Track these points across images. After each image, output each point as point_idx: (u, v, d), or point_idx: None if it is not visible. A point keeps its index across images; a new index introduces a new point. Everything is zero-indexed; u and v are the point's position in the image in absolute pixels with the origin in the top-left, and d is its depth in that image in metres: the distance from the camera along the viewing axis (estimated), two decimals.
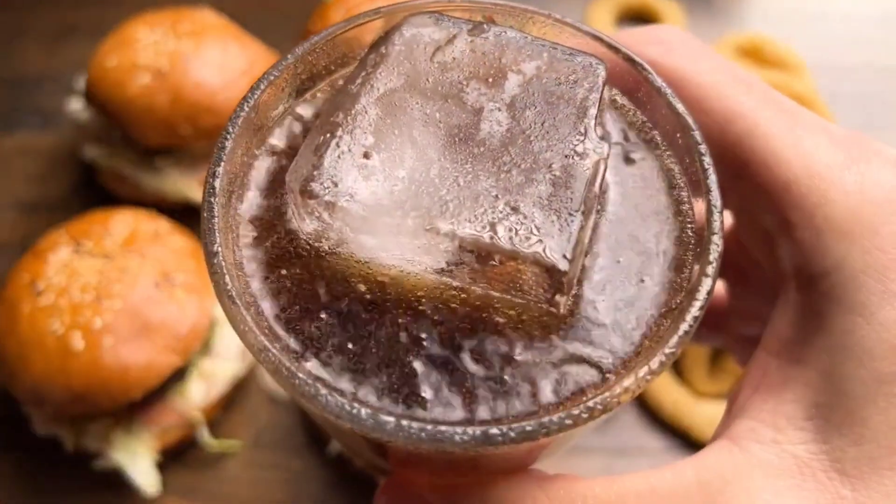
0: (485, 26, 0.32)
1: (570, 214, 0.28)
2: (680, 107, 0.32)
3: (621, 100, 0.35)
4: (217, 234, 0.29)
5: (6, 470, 0.75)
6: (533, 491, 0.28)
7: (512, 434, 0.25)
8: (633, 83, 0.34)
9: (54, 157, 0.97)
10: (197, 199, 0.89)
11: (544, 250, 0.27)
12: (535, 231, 0.28)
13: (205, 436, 0.76)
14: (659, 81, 0.33)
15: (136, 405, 0.72)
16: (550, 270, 0.27)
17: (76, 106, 0.93)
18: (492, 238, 0.27)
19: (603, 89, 0.32)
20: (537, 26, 0.35)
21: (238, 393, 0.80)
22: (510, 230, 0.28)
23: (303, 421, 0.79)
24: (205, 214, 0.29)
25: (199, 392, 0.75)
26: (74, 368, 0.67)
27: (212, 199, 0.29)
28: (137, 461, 0.72)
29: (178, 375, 0.74)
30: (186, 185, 0.89)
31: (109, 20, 0.93)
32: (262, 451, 0.78)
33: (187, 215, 0.86)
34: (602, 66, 0.32)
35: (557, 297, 0.28)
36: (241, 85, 0.87)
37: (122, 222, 0.76)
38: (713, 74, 0.34)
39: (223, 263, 0.28)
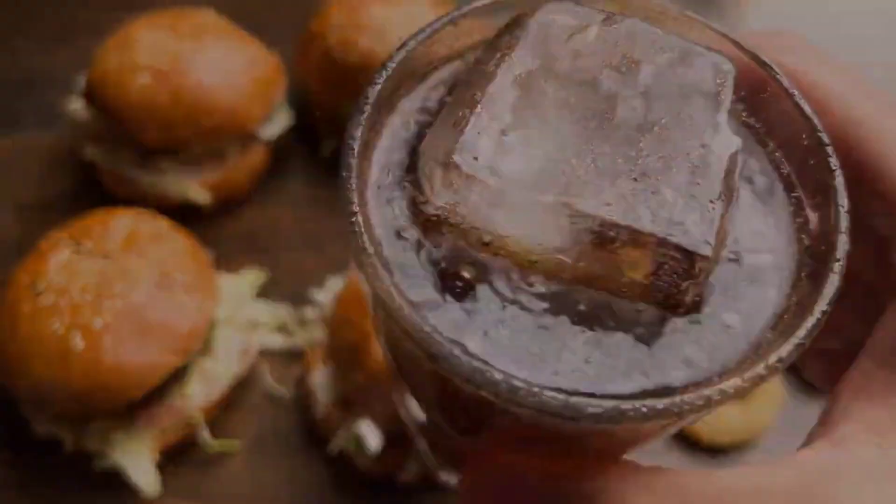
0: (617, 17, 0.33)
1: (711, 202, 0.28)
2: (807, 108, 0.32)
3: (740, 100, 0.36)
4: (355, 195, 0.29)
5: (6, 470, 0.75)
6: (638, 482, 0.27)
7: (644, 410, 0.24)
8: (758, 83, 0.34)
9: (54, 157, 0.97)
10: (196, 200, 0.89)
11: (687, 234, 0.27)
12: (676, 215, 0.28)
13: (205, 436, 0.76)
14: (787, 82, 0.33)
15: (136, 405, 0.71)
16: (692, 255, 0.27)
17: (76, 106, 0.93)
18: (633, 220, 0.27)
19: (733, 87, 0.32)
20: (668, 21, 0.35)
21: (238, 393, 0.80)
22: (651, 212, 0.28)
23: (303, 421, 0.79)
24: (344, 173, 0.29)
25: (199, 392, 0.75)
26: (74, 368, 0.67)
27: (351, 161, 0.29)
28: (137, 461, 0.72)
29: (178, 375, 0.74)
30: (187, 186, 0.89)
31: (109, 20, 0.93)
32: (262, 451, 0.78)
33: (187, 215, 0.86)
34: (731, 64, 0.32)
35: (692, 283, 0.28)
36: (241, 85, 0.87)
37: (122, 222, 0.76)
38: (834, 78, 0.34)
39: (361, 221, 0.28)
